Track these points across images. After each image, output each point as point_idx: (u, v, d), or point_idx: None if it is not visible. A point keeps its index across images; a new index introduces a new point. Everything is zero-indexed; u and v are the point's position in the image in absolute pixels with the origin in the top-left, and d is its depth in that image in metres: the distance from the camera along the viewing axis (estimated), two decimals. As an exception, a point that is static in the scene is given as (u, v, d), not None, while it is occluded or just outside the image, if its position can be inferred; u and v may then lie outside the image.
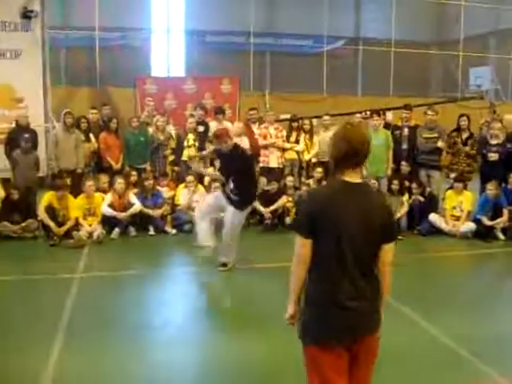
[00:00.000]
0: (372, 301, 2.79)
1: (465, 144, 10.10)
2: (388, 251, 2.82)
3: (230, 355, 4.75)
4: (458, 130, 10.21)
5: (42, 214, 8.64)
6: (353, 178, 2.77)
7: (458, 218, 9.37)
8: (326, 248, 2.73)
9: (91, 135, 10.30)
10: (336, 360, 2.75)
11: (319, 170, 10.31)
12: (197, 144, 10.32)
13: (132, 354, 4.77)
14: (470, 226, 9.23)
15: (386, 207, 2.90)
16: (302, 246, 2.77)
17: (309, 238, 2.75)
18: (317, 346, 2.76)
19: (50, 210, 8.61)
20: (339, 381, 2.76)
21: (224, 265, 7.12)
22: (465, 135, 10.15)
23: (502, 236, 9.16)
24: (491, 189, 9.21)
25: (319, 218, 2.70)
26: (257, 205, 9.40)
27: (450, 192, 9.69)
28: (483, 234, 9.12)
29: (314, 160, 10.73)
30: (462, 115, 10.36)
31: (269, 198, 9.57)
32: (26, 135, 9.41)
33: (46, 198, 8.72)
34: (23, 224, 8.62)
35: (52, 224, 8.49)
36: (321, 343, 2.75)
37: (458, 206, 9.42)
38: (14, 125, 10.25)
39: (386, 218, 2.82)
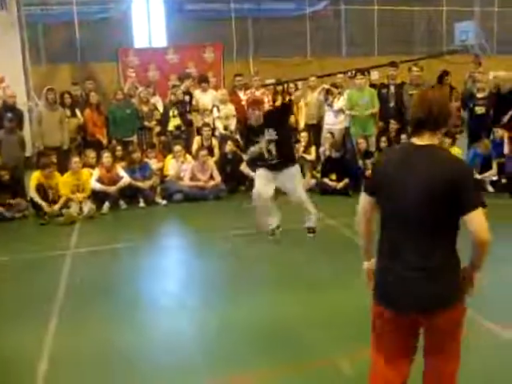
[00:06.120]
0: (438, 272, 2.57)
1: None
2: (470, 221, 2.48)
3: (229, 319, 4.79)
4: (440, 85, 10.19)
5: (32, 193, 8.59)
6: (421, 140, 2.63)
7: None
8: (387, 210, 2.69)
9: (77, 110, 10.20)
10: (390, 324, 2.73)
11: (303, 134, 10.32)
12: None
13: (131, 325, 4.78)
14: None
15: (455, 172, 2.50)
16: (361, 201, 2.81)
17: (371, 196, 2.75)
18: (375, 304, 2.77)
19: (40, 188, 8.58)
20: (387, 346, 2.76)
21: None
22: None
23: (491, 189, 9.21)
24: (482, 147, 9.26)
25: (380, 180, 2.67)
26: (246, 169, 9.41)
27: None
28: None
29: (302, 124, 10.69)
30: (444, 74, 10.33)
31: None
32: (9, 115, 9.28)
33: (34, 177, 8.67)
34: (12, 202, 8.56)
35: (44, 203, 8.45)
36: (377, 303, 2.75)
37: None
38: (-1, 105, 10.13)
39: (457, 181, 2.47)
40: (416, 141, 2.64)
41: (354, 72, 10.59)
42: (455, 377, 2.77)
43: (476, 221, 2.47)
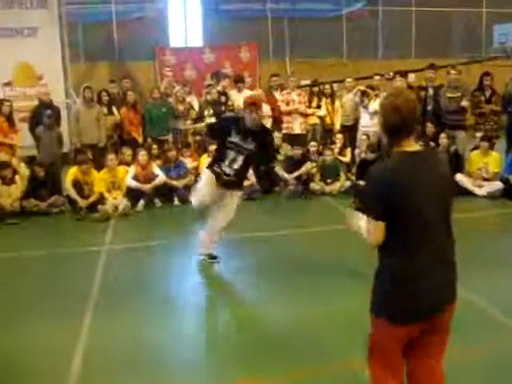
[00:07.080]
0: (453, 271, 2.77)
1: (489, 101, 9.88)
2: None
3: (262, 318, 4.86)
4: (480, 89, 9.99)
5: (68, 188, 8.71)
6: (412, 146, 2.70)
7: (483, 180, 9.22)
8: (404, 225, 2.62)
9: (114, 108, 10.31)
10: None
11: (339, 136, 10.29)
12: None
13: (164, 324, 4.81)
14: (498, 185, 9.07)
15: (448, 173, 2.84)
16: (375, 231, 2.67)
17: (382, 220, 2.62)
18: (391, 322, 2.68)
19: (76, 184, 8.69)
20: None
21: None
22: (488, 93, 9.93)
23: (529, 195, 8.99)
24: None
25: (391, 195, 2.58)
26: (281, 171, 9.41)
27: (474, 153, 9.52)
28: (511, 193, 8.97)
29: (338, 126, 10.65)
30: (484, 74, 10.11)
31: (293, 164, 9.54)
32: (48, 111, 9.46)
33: (71, 172, 8.79)
34: (49, 200, 8.69)
35: (78, 197, 8.58)
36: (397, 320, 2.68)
37: (484, 168, 9.23)
38: (36, 102, 10.31)
39: (450, 184, 2.84)
40: (407, 148, 2.68)
41: (392, 74, 10.48)
42: None
43: None
